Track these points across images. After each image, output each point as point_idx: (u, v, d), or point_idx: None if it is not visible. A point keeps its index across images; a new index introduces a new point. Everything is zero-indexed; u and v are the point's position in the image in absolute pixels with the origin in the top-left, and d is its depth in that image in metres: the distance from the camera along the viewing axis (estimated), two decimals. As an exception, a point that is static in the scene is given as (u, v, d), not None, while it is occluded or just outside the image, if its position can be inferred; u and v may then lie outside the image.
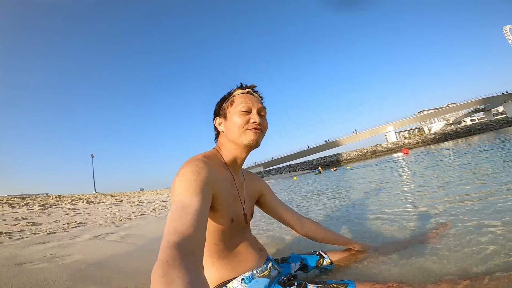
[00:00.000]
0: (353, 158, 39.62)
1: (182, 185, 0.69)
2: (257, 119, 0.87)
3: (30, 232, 2.73)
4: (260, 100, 0.95)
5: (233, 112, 0.88)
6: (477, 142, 12.01)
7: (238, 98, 0.90)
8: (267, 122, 0.94)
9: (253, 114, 0.87)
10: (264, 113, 0.93)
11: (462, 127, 40.71)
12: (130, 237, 2.50)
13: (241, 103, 0.88)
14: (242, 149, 0.90)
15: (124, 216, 4.22)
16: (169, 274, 0.42)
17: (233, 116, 0.88)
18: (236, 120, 0.87)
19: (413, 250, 1.22)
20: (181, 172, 0.73)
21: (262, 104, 0.93)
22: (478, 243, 1.16)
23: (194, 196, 0.66)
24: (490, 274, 0.85)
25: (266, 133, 0.94)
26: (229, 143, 0.91)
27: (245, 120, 0.86)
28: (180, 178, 0.71)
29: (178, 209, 0.62)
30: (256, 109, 0.88)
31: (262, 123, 0.89)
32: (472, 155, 5.72)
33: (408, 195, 2.74)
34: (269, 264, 0.96)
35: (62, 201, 7.56)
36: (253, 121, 0.86)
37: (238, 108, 0.87)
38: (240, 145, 0.89)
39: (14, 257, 1.73)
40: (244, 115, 0.87)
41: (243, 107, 0.87)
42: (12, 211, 4.62)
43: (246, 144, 0.87)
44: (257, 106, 0.89)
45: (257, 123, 0.87)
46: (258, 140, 0.89)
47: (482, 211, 1.60)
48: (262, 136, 0.91)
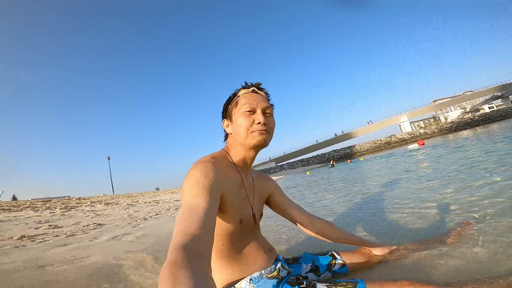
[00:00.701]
0: (366, 150, 38.89)
1: (190, 187, 0.70)
2: (262, 119, 0.85)
3: (52, 235, 2.85)
4: (266, 98, 0.93)
5: (237, 114, 0.87)
6: (496, 130, 11.52)
7: (242, 99, 0.89)
8: (274, 120, 0.92)
9: (257, 114, 0.86)
10: (270, 112, 0.91)
11: (480, 115, 39.07)
12: (145, 237, 2.58)
13: (244, 104, 0.87)
14: (250, 150, 0.90)
15: (140, 217, 4.34)
16: (176, 275, 0.42)
17: (238, 118, 0.87)
18: (240, 122, 0.86)
19: (431, 251, 1.16)
20: (189, 174, 0.74)
21: (268, 103, 0.91)
22: (505, 244, 1.08)
23: (202, 198, 0.67)
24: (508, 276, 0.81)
25: (277, 129, 0.92)
26: (237, 145, 0.90)
27: (250, 121, 0.85)
28: (189, 180, 0.72)
29: (186, 211, 0.63)
30: (260, 109, 0.87)
31: (268, 123, 0.87)
32: (493, 143, 5.49)
33: (426, 190, 2.66)
34: (278, 264, 0.96)
35: (82, 203, 7.83)
36: (258, 121, 0.85)
37: (242, 109, 0.86)
38: (247, 147, 0.88)
39: (37, 259, 1.81)
40: (248, 115, 0.86)
41: (246, 108, 0.86)
42: (35, 215, 4.83)
43: (254, 145, 0.86)
44: (262, 105, 0.88)
45: (262, 123, 0.85)
46: (266, 141, 0.87)
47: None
48: (269, 136, 0.90)
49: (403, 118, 50.47)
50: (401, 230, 1.59)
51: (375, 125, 51.44)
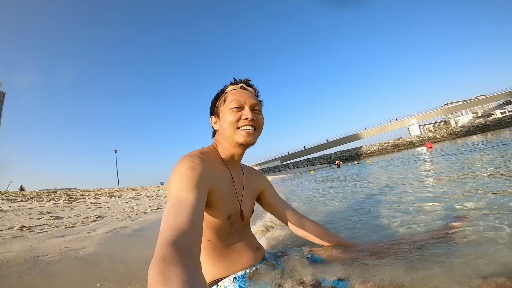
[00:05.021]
0: (373, 152, 38.55)
1: (177, 181, 0.69)
2: (250, 115, 0.84)
3: (51, 226, 2.87)
4: (254, 95, 0.92)
5: (225, 110, 0.86)
6: (507, 135, 11.24)
7: (230, 95, 0.88)
8: (262, 117, 0.91)
9: (245, 111, 0.85)
10: (258, 108, 0.89)
11: (492, 120, 38.33)
12: (143, 230, 2.58)
13: (232, 100, 0.86)
14: (237, 147, 0.89)
15: (140, 210, 4.36)
16: (166, 272, 0.41)
17: (225, 114, 0.86)
18: (227, 118, 0.85)
19: (420, 249, 1.08)
20: (176, 168, 0.73)
21: (257, 99, 0.90)
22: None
23: (190, 192, 0.66)
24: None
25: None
26: (224, 141, 0.90)
27: (237, 117, 0.84)
28: (176, 174, 0.71)
29: (174, 205, 0.62)
30: (249, 105, 0.86)
31: (256, 119, 0.86)
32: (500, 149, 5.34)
33: (426, 194, 2.60)
34: (264, 263, 0.94)
35: (86, 195, 7.94)
36: (245, 117, 0.84)
37: (229, 105, 0.85)
38: (234, 143, 0.87)
39: (32, 250, 1.82)
40: (236, 112, 0.85)
41: (234, 104, 0.85)
42: (38, 205, 4.90)
43: (240, 143, 0.85)
44: (250, 101, 0.86)
45: (249, 119, 0.84)
46: (252, 138, 0.86)
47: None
48: (257, 133, 0.89)
49: (412, 121, 49.82)
50: (393, 231, 1.54)
51: (384, 127, 50.91)
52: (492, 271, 0.81)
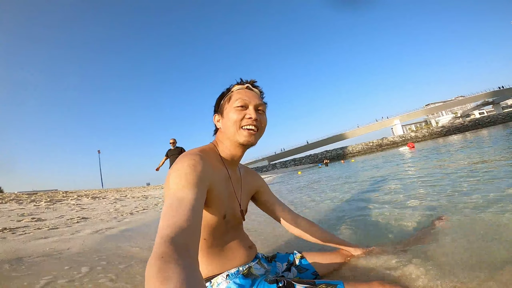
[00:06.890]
0: (358, 152, 39.26)
1: (178, 179, 0.67)
2: (253, 114, 0.83)
3: (33, 227, 2.81)
4: (259, 96, 0.92)
5: (229, 109, 0.86)
6: (485, 135, 11.79)
7: (235, 94, 0.88)
8: (265, 118, 0.91)
9: (249, 110, 0.85)
10: (262, 109, 0.89)
11: (471, 120, 39.91)
12: (129, 231, 2.57)
13: (237, 99, 0.85)
14: (238, 147, 0.89)
15: (126, 211, 4.31)
16: (165, 270, 0.41)
17: (229, 113, 0.86)
18: (231, 116, 0.84)
19: (403, 250, 1.12)
20: (176, 166, 0.72)
21: (261, 100, 0.90)
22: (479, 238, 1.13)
23: (190, 190, 0.65)
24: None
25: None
26: (226, 140, 0.89)
27: (240, 116, 0.84)
28: (176, 172, 0.70)
29: (174, 203, 0.61)
30: (253, 105, 0.85)
31: (260, 119, 0.86)
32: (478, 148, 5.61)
33: (407, 191, 2.73)
34: (256, 261, 0.96)
35: (68, 197, 7.72)
36: (249, 116, 0.83)
37: (234, 104, 0.85)
38: (235, 143, 0.87)
39: (15, 251, 1.80)
40: (240, 110, 0.84)
41: (239, 102, 0.84)
42: (18, 207, 4.75)
43: (241, 143, 0.85)
44: (255, 101, 0.86)
45: (253, 118, 0.83)
46: (253, 139, 0.86)
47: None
48: (259, 135, 0.88)
49: (395, 121, 51.22)
50: (380, 231, 1.62)
51: (368, 127, 52.07)
52: (475, 264, 0.90)
